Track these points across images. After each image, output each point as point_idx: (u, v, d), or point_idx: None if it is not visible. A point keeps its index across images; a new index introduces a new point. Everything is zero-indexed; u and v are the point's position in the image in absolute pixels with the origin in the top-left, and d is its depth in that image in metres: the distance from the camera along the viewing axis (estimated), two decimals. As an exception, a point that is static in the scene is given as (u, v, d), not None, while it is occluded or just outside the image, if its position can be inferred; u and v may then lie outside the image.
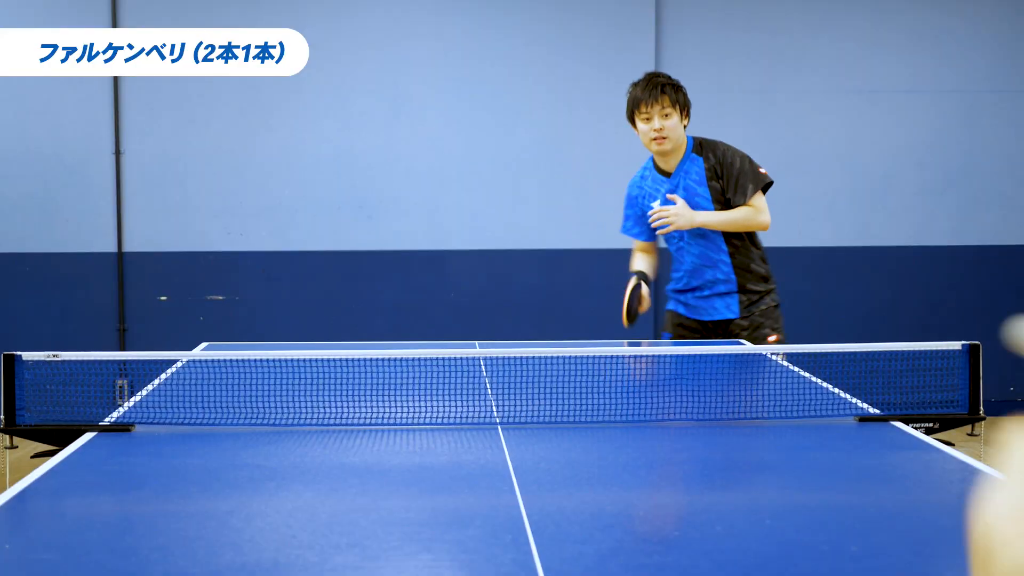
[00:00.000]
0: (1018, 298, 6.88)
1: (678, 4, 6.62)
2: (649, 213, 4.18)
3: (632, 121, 4.19)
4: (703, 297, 4.29)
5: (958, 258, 6.83)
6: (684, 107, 4.15)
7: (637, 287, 4.17)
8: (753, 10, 6.68)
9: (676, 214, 4.11)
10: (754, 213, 4.19)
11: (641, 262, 4.37)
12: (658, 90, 4.09)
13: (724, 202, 4.19)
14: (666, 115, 4.09)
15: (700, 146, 4.23)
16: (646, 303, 4.21)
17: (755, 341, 4.18)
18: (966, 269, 6.84)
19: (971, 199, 6.82)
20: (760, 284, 4.29)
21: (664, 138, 4.11)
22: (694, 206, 4.15)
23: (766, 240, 6.72)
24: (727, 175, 4.18)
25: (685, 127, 4.19)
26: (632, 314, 4.13)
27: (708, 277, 4.26)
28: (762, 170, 4.24)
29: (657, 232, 4.21)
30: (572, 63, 6.58)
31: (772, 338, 4.24)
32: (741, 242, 4.25)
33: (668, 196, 4.15)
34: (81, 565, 1.77)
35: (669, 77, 4.17)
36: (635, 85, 4.17)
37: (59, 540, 1.90)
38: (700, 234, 4.21)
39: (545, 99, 6.61)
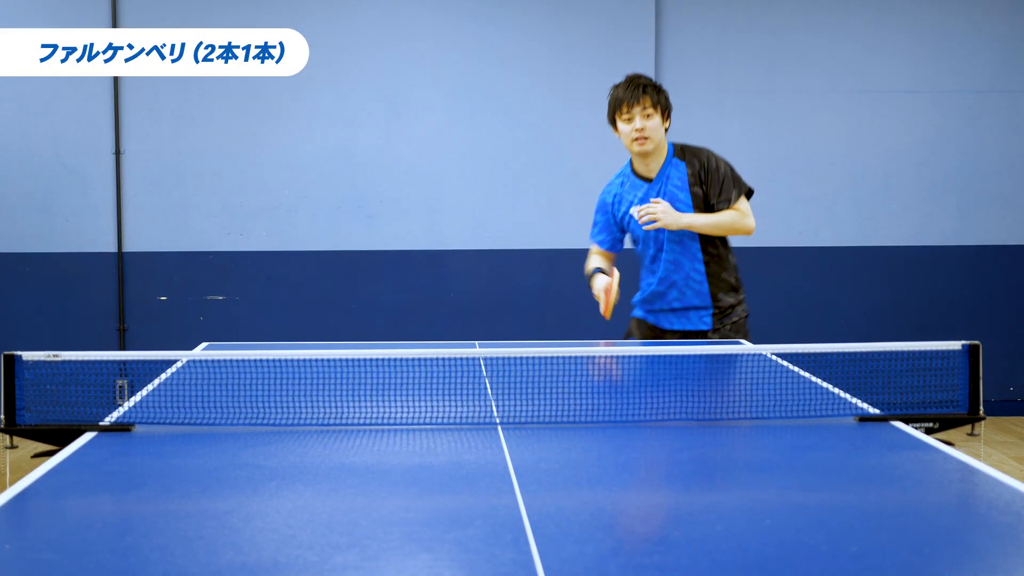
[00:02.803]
0: (1018, 298, 6.88)
1: (678, 4, 6.62)
2: (635, 210, 4.14)
3: (613, 123, 4.16)
4: (673, 310, 4.25)
5: (958, 258, 6.83)
6: (666, 109, 4.13)
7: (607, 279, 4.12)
8: (753, 10, 6.68)
9: (664, 211, 4.08)
10: (740, 216, 4.20)
11: (598, 261, 4.33)
12: (640, 90, 4.07)
13: (705, 209, 4.16)
14: (647, 115, 4.08)
15: (683, 151, 4.20)
16: (617, 294, 4.18)
17: None
18: (966, 269, 6.84)
19: (971, 199, 6.81)
20: (731, 295, 4.28)
21: (646, 138, 4.09)
22: (673, 207, 4.13)
23: (763, 240, 6.74)
24: (712, 180, 4.16)
25: (666, 130, 4.17)
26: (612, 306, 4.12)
27: (680, 286, 4.22)
28: (738, 184, 4.23)
29: (644, 228, 4.15)
30: (572, 63, 6.58)
31: None
32: (716, 250, 4.23)
33: (652, 200, 4.12)
34: (81, 565, 1.77)
35: (650, 79, 4.15)
36: (616, 87, 4.15)
37: (59, 540, 1.89)
38: (677, 240, 4.18)
39: (545, 99, 6.61)
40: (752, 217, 4.25)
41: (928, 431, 2.78)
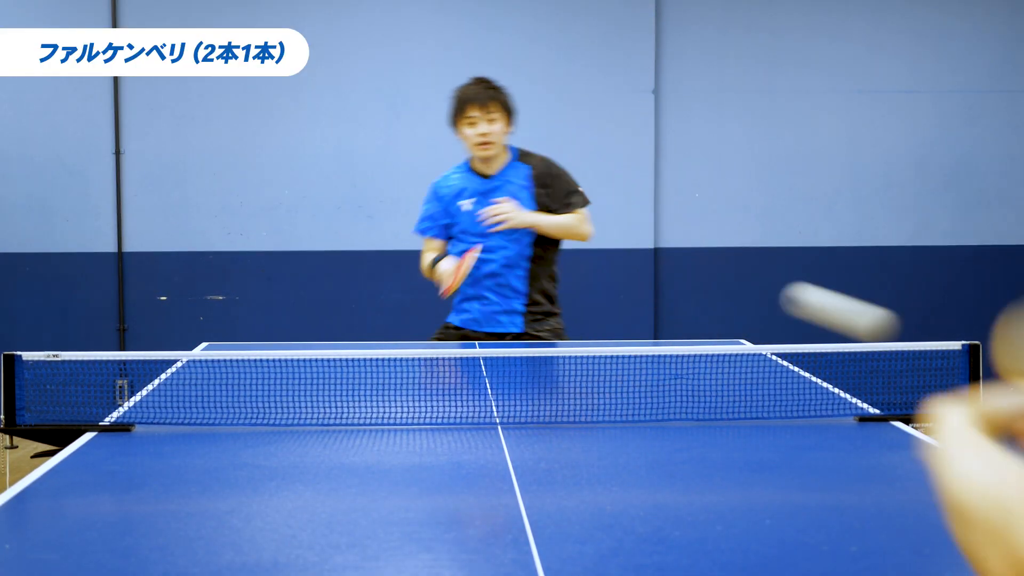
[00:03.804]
0: (1018, 298, 6.87)
1: (678, 4, 6.62)
2: (481, 211, 4.07)
3: (455, 125, 4.14)
4: (489, 310, 4.21)
5: (958, 258, 6.83)
6: (509, 113, 4.11)
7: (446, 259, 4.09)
8: (753, 10, 6.67)
9: (512, 210, 4.06)
10: (580, 221, 4.18)
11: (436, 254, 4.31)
12: (486, 93, 4.06)
13: (546, 211, 4.14)
14: (492, 120, 4.06)
15: (526, 156, 4.21)
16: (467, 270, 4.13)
17: None
18: (966, 269, 6.84)
19: (971, 199, 6.81)
20: (546, 303, 4.25)
21: (490, 143, 4.08)
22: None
23: (763, 240, 6.74)
24: (555, 184, 4.16)
25: (508, 134, 4.15)
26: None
27: (501, 282, 4.19)
28: (580, 189, 4.24)
29: (490, 230, 4.10)
30: (572, 63, 6.58)
31: None
32: (544, 252, 4.20)
33: (498, 200, 4.08)
34: (81, 565, 1.77)
35: (495, 82, 4.13)
36: (461, 88, 4.12)
37: (59, 540, 1.90)
38: (515, 239, 4.15)
39: (545, 99, 6.61)
40: (591, 225, 4.22)
41: (928, 431, 2.78)
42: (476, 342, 4.20)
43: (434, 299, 6.69)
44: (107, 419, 2.76)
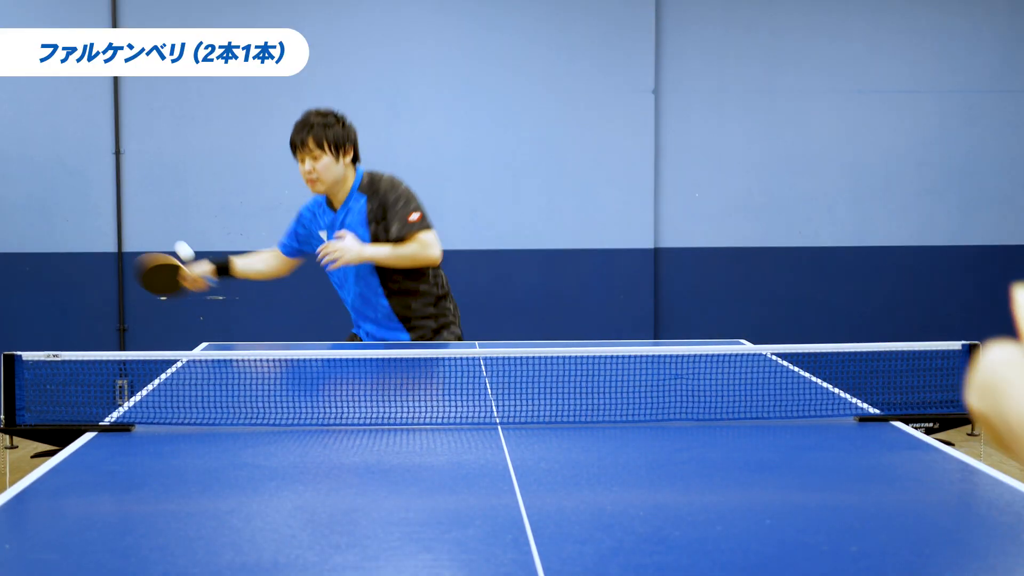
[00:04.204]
0: (1018, 298, 6.87)
1: (678, 4, 6.62)
2: (318, 251, 4.04)
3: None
4: (378, 326, 4.22)
5: (958, 258, 6.83)
6: (337, 145, 4.05)
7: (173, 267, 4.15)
8: (753, 10, 6.67)
9: (344, 248, 3.98)
10: (421, 248, 4.06)
11: (253, 258, 4.36)
12: (305, 131, 4.03)
13: (385, 243, 4.07)
14: (315, 157, 4.04)
15: (368, 184, 4.14)
16: (191, 281, 4.18)
17: None
18: (966, 269, 6.84)
19: (971, 199, 6.81)
20: (429, 321, 4.21)
21: (315, 180, 4.06)
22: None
23: (763, 240, 6.74)
24: (390, 215, 4.07)
25: (353, 162, 4.13)
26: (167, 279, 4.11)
27: (371, 316, 4.20)
28: (417, 215, 4.09)
29: (326, 270, 4.10)
30: (572, 63, 6.58)
31: None
32: (397, 285, 4.14)
33: (337, 234, 4.05)
34: (81, 565, 1.77)
35: (325, 115, 4.07)
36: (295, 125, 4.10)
37: (59, 540, 1.90)
38: (358, 276, 4.14)
39: (545, 99, 6.61)
40: (436, 247, 4.09)
41: (928, 431, 2.78)
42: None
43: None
44: (107, 419, 2.76)
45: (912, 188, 6.79)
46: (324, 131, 4.04)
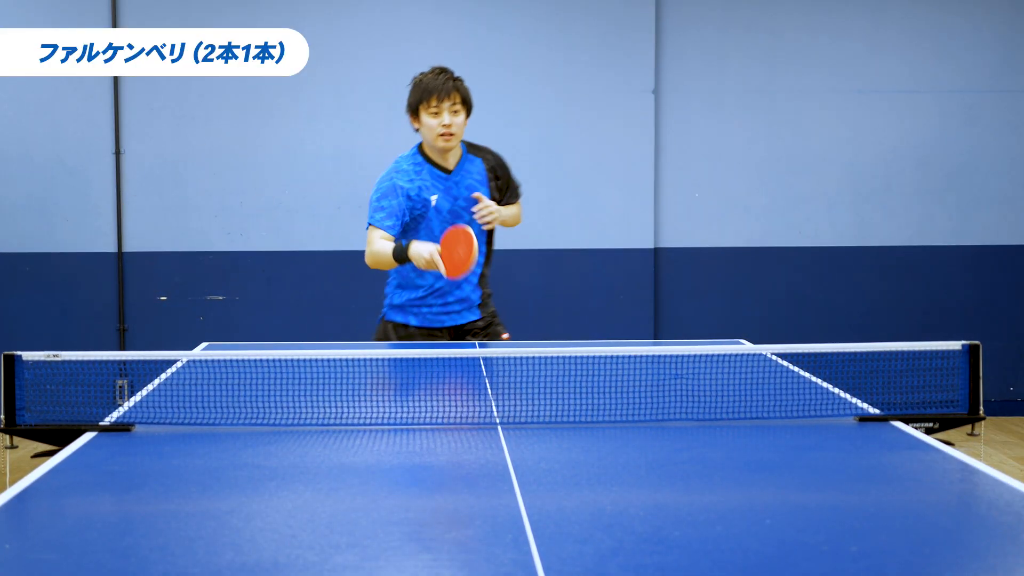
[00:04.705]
0: (1018, 298, 6.88)
1: (678, 4, 6.62)
2: (475, 209, 4.03)
3: (414, 112, 4.08)
4: (446, 305, 4.21)
5: (958, 258, 6.83)
6: (470, 107, 4.11)
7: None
8: (753, 10, 6.67)
9: (497, 209, 4.07)
10: (520, 210, 4.31)
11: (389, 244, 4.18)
12: (451, 85, 4.04)
13: (497, 202, 4.15)
14: (455, 112, 4.04)
15: (473, 148, 4.21)
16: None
17: (490, 338, 4.24)
18: (966, 269, 6.84)
19: (971, 199, 6.81)
20: (487, 286, 4.31)
21: (452, 135, 4.05)
22: (472, 203, 4.10)
23: (763, 240, 6.74)
24: (505, 176, 4.23)
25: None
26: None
27: (462, 284, 4.19)
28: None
29: (483, 227, 4.08)
30: (572, 63, 6.58)
31: (505, 335, 4.32)
32: (489, 247, 4.26)
33: (476, 195, 4.07)
34: (81, 565, 1.77)
35: (455, 73, 4.12)
36: (424, 76, 4.10)
37: (59, 540, 1.90)
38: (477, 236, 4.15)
39: (545, 99, 6.61)
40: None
41: (928, 431, 2.78)
42: (442, 340, 4.25)
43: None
44: (107, 419, 2.76)
45: (912, 188, 6.79)
46: (464, 87, 4.09)
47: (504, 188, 4.23)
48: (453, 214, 4.12)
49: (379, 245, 4.13)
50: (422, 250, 3.89)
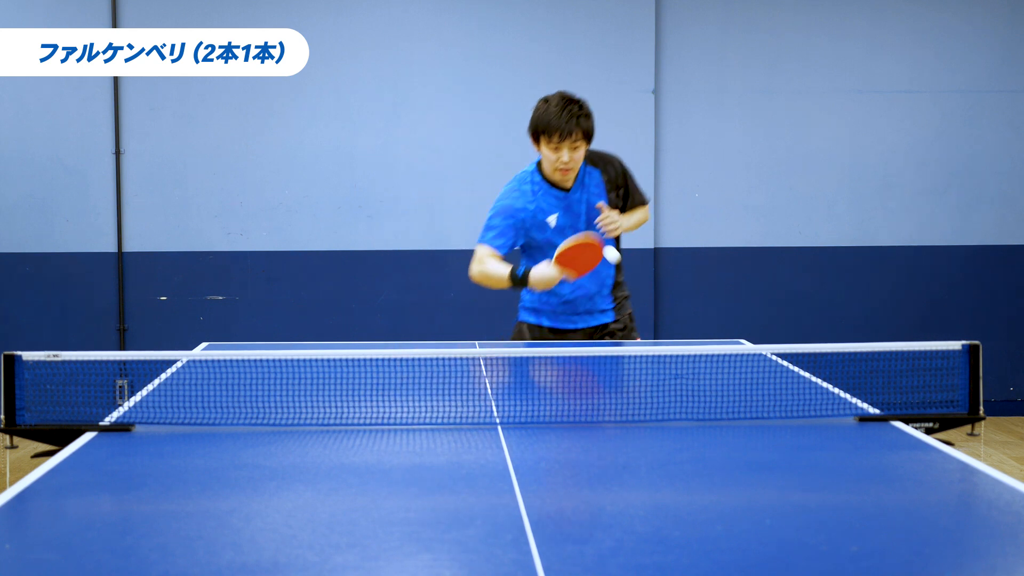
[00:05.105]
0: (1018, 298, 6.88)
1: (678, 4, 6.62)
2: (599, 220, 4.01)
3: (536, 139, 4.02)
4: (579, 311, 4.21)
5: (958, 258, 6.83)
6: (591, 136, 4.01)
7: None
8: (753, 10, 6.68)
9: (617, 218, 4.03)
10: (645, 215, 4.25)
11: (498, 262, 4.10)
12: (574, 122, 3.92)
13: (618, 211, 4.13)
14: (575, 148, 3.96)
15: (591, 159, 4.13)
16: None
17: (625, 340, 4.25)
18: (966, 269, 6.84)
19: (971, 199, 6.81)
20: (621, 292, 4.28)
21: (569, 170, 4.01)
22: (593, 216, 4.06)
23: (763, 240, 6.74)
24: (626, 184, 4.17)
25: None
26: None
27: (593, 291, 4.19)
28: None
29: (605, 236, 4.03)
30: (572, 63, 6.58)
31: (637, 339, 4.33)
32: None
33: (599, 205, 4.03)
34: (81, 565, 1.77)
35: (583, 105, 3.98)
36: (548, 104, 3.97)
37: (59, 540, 1.90)
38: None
39: (545, 99, 6.60)
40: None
41: (928, 431, 2.78)
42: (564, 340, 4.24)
43: (434, 299, 6.70)
44: (107, 419, 2.76)
45: (912, 188, 6.79)
46: (588, 121, 3.97)
47: (625, 196, 4.16)
48: (574, 231, 4.08)
49: (489, 264, 4.08)
50: (543, 274, 3.87)
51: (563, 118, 3.91)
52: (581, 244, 3.81)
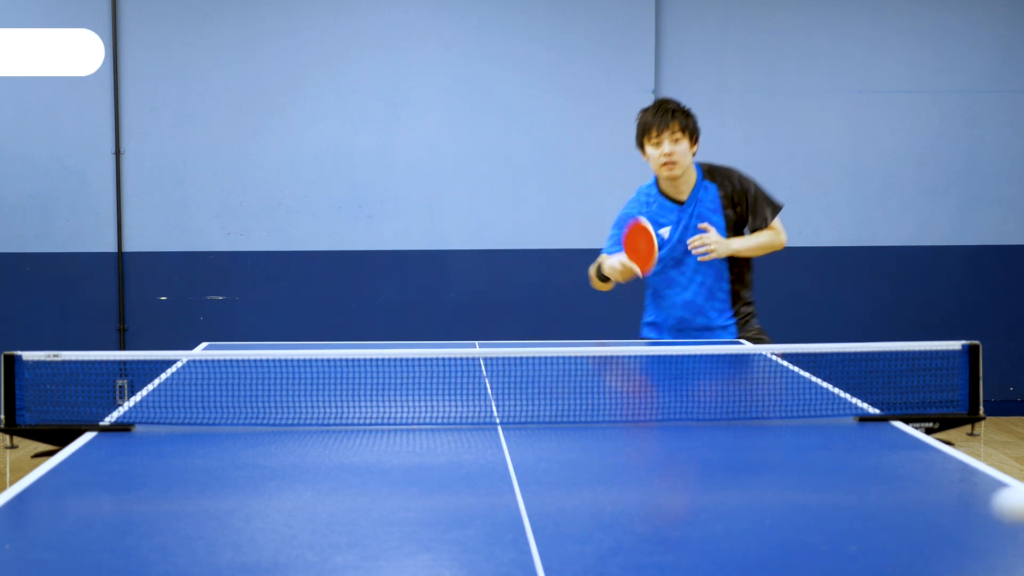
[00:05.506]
0: (1018, 298, 6.88)
1: (678, 4, 6.62)
2: (691, 241, 4.05)
3: (641, 146, 4.11)
4: (697, 328, 4.19)
5: (958, 258, 6.83)
6: (693, 133, 4.10)
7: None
8: (753, 10, 6.67)
9: (717, 242, 4.05)
10: (775, 235, 4.18)
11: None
12: (669, 115, 4.04)
13: (736, 231, 4.13)
14: (676, 140, 4.04)
15: (711, 172, 4.17)
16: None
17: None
18: (966, 269, 6.84)
19: (971, 199, 6.81)
20: (746, 307, 4.27)
21: (674, 163, 4.05)
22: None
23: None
24: (745, 202, 4.14)
25: (694, 154, 4.13)
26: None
27: (706, 309, 4.18)
28: (773, 205, 4.19)
29: (698, 259, 4.07)
30: (572, 63, 6.58)
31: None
32: (739, 270, 4.20)
33: (702, 226, 4.07)
34: (81, 565, 1.77)
35: (679, 104, 4.12)
36: (645, 110, 4.11)
37: (59, 540, 1.90)
38: (709, 265, 4.14)
39: (545, 99, 6.61)
40: (784, 233, 4.22)
41: (928, 431, 2.78)
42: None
43: (434, 299, 6.70)
44: (107, 419, 2.76)
45: (912, 188, 6.79)
46: (685, 117, 4.08)
47: (745, 214, 4.14)
48: (684, 246, 4.10)
49: (593, 269, 4.19)
50: (612, 262, 3.92)
51: (658, 115, 4.05)
52: (631, 228, 3.84)
